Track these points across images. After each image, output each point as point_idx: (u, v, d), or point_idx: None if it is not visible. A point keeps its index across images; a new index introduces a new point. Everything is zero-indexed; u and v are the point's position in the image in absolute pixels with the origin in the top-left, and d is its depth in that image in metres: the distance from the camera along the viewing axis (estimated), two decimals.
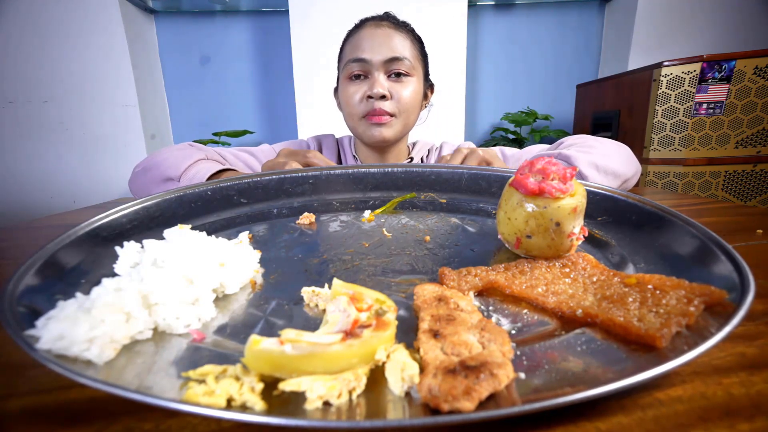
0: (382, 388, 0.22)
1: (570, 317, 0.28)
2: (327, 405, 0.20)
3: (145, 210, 0.47)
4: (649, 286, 0.29)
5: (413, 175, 0.62)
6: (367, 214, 0.54)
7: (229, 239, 0.38)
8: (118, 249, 0.33)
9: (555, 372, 0.22)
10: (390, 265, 0.39)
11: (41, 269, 0.32)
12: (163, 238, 0.34)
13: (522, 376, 0.22)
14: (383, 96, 0.81)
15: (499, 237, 0.41)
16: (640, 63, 2.07)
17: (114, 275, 0.31)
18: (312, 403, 0.20)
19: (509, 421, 0.21)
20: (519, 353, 0.24)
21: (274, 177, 0.59)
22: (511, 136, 2.33)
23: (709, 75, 1.58)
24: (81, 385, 0.21)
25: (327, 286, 0.32)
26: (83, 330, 0.23)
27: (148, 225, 0.46)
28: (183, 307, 0.28)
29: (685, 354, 0.21)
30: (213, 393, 0.20)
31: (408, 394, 0.21)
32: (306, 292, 0.32)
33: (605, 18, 2.40)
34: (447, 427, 0.21)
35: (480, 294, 0.33)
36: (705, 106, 1.62)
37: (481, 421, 0.20)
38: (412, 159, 0.98)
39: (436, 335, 0.24)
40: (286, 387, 0.20)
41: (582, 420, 0.20)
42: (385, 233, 0.48)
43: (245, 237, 0.41)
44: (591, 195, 0.47)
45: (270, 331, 0.28)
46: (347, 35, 0.88)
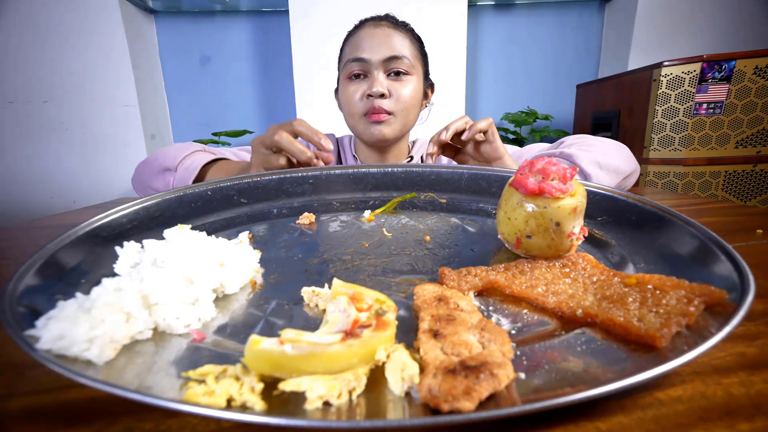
0: (382, 388, 0.22)
1: (570, 317, 0.28)
2: (327, 405, 0.20)
3: (145, 210, 0.47)
4: (649, 286, 0.29)
5: (413, 175, 0.62)
6: (367, 214, 0.54)
7: (229, 239, 0.38)
8: (118, 249, 0.33)
9: (555, 372, 0.22)
10: (390, 265, 0.39)
11: (41, 269, 0.32)
12: (163, 238, 0.34)
13: (522, 376, 0.22)
14: (382, 94, 0.81)
15: (499, 237, 0.41)
16: (640, 63, 2.06)
17: (114, 275, 0.31)
18: (312, 403, 0.20)
19: (509, 421, 0.21)
20: (519, 353, 0.24)
21: (274, 177, 0.59)
22: (511, 136, 2.33)
23: (709, 75, 1.58)
24: (81, 385, 0.21)
25: (327, 286, 0.32)
26: (83, 330, 0.23)
27: (148, 225, 0.46)
28: (183, 307, 0.28)
29: (685, 354, 0.21)
30: (213, 393, 0.20)
31: (408, 394, 0.21)
32: (306, 292, 0.32)
33: (605, 18, 2.39)
34: (447, 427, 0.21)
35: (480, 294, 0.33)
36: (705, 106, 1.61)
37: (481, 421, 0.20)
38: (412, 158, 0.98)
39: (436, 335, 0.24)
40: (286, 387, 0.20)
41: (582, 420, 0.20)
42: (385, 233, 0.48)
43: (245, 237, 0.41)
44: (591, 195, 0.47)
45: (270, 331, 0.28)
46: (347, 36, 0.89)
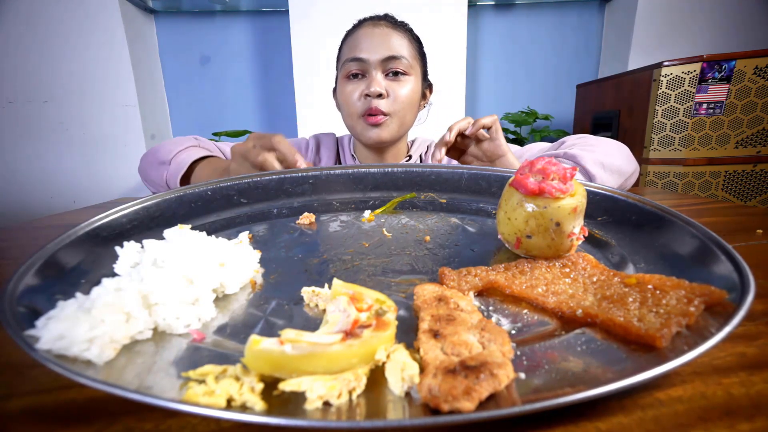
0: (382, 388, 0.22)
1: (570, 317, 0.28)
2: (327, 405, 0.20)
3: (145, 210, 0.47)
4: (649, 286, 0.29)
5: (413, 175, 0.62)
6: (367, 214, 0.54)
7: (229, 239, 0.38)
8: (118, 249, 0.33)
9: (555, 372, 0.22)
10: (390, 265, 0.39)
11: (41, 269, 0.32)
12: (163, 238, 0.34)
13: (522, 376, 0.22)
14: (380, 94, 0.81)
15: (499, 237, 0.41)
16: (640, 63, 2.06)
17: (114, 275, 0.31)
18: (312, 403, 0.20)
19: (509, 421, 0.21)
20: (519, 353, 0.24)
21: (274, 177, 0.59)
22: (512, 136, 2.33)
23: (709, 75, 1.58)
24: (81, 385, 0.21)
25: (327, 286, 0.32)
26: (83, 330, 0.23)
27: (148, 225, 0.46)
28: (183, 307, 0.28)
29: (685, 354, 0.21)
30: (213, 393, 0.20)
31: (408, 394, 0.21)
32: (306, 292, 0.32)
33: (605, 18, 2.40)
34: (447, 427, 0.21)
35: (480, 294, 0.33)
36: (705, 106, 1.62)
37: (481, 421, 0.20)
38: (410, 157, 0.98)
39: (436, 335, 0.24)
40: (286, 387, 0.20)
41: (582, 420, 0.20)
42: (385, 233, 0.48)
43: (245, 237, 0.41)
44: (591, 195, 0.47)
45: (270, 331, 0.28)
46: (345, 35, 0.89)
